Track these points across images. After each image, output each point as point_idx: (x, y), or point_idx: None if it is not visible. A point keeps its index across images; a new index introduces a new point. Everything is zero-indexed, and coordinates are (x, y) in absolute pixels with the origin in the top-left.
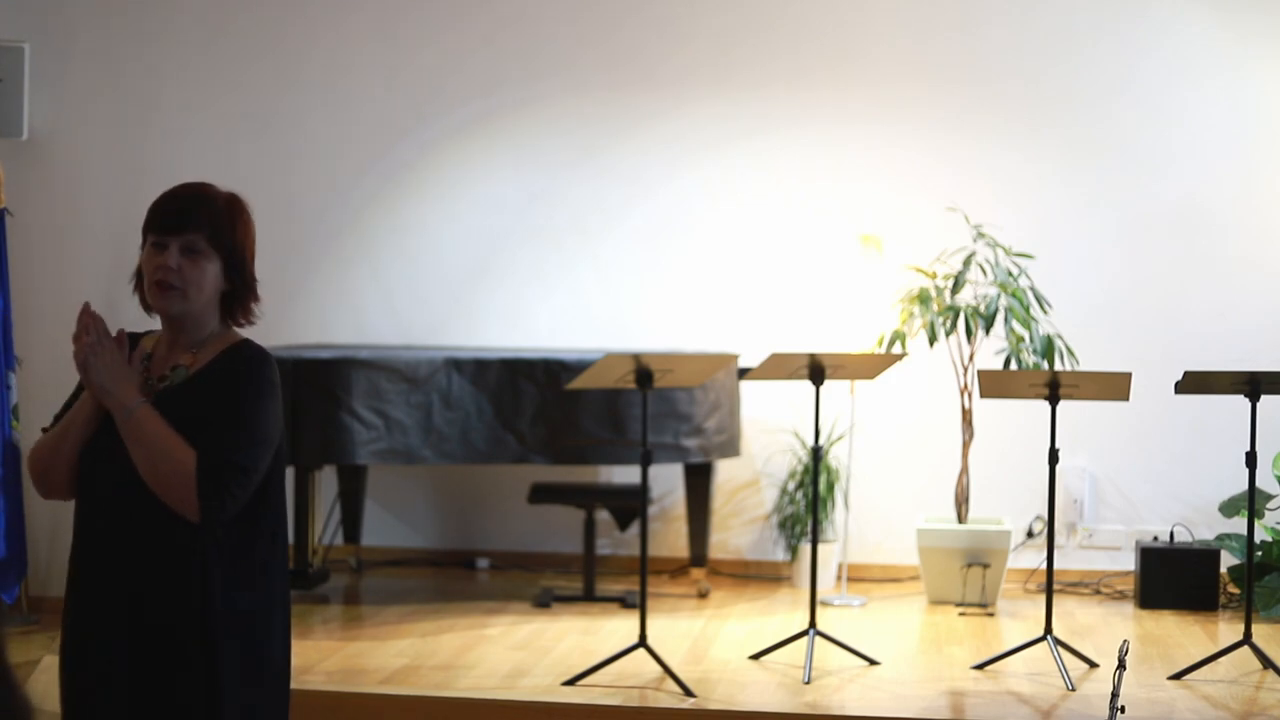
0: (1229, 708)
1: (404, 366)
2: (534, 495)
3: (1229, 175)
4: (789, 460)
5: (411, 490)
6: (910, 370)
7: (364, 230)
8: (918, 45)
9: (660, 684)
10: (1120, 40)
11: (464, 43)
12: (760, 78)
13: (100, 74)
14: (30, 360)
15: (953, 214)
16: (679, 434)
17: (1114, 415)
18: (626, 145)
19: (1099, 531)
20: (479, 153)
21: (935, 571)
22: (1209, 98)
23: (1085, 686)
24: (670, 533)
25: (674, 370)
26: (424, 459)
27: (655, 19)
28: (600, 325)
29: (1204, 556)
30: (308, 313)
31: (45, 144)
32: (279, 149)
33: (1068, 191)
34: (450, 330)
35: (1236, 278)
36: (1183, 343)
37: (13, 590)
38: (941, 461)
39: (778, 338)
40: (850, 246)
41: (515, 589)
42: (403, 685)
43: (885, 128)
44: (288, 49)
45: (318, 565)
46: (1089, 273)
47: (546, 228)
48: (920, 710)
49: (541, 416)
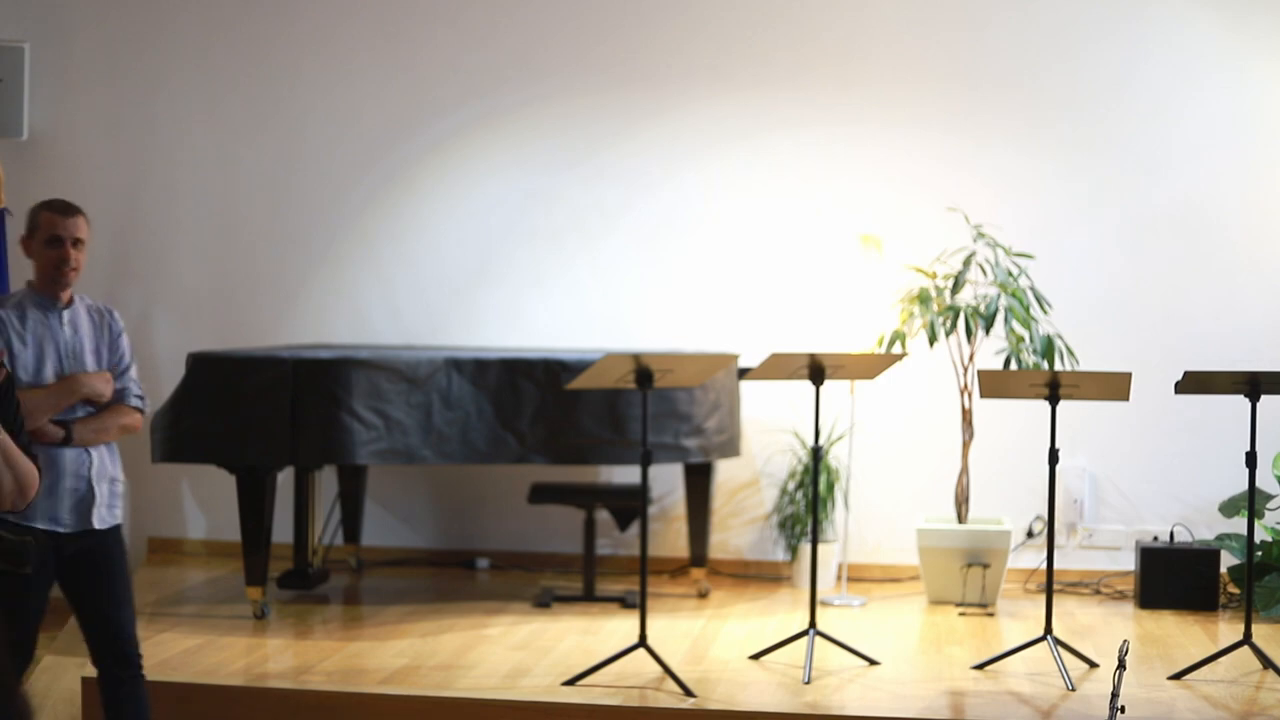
0: (1229, 708)
1: (404, 366)
2: (534, 495)
3: (1229, 175)
4: (789, 460)
5: (411, 490)
6: (910, 370)
7: (364, 230)
8: (918, 45)
9: (660, 684)
10: (1120, 40)
11: (464, 43)
12: (760, 77)
13: (100, 74)
14: None
15: (953, 214)
16: (679, 434)
17: (1114, 415)
18: (626, 145)
19: (1099, 531)
20: (479, 153)
21: (935, 571)
22: (1209, 98)
23: (1085, 686)
24: (670, 533)
25: (674, 370)
26: (424, 459)
27: (655, 19)
28: (600, 325)
29: (1204, 556)
30: (308, 313)
31: (45, 144)
32: (279, 149)
33: (1068, 191)
34: (450, 330)
35: (1236, 278)
36: (1183, 343)
37: None
38: (941, 461)
39: (778, 338)
40: (850, 246)
41: (515, 589)
42: (403, 685)
43: (885, 128)
44: (288, 49)
45: (318, 565)
46: (1089, 273)
47: (546, 228)
48: (920, 710)
49: (541, 416)
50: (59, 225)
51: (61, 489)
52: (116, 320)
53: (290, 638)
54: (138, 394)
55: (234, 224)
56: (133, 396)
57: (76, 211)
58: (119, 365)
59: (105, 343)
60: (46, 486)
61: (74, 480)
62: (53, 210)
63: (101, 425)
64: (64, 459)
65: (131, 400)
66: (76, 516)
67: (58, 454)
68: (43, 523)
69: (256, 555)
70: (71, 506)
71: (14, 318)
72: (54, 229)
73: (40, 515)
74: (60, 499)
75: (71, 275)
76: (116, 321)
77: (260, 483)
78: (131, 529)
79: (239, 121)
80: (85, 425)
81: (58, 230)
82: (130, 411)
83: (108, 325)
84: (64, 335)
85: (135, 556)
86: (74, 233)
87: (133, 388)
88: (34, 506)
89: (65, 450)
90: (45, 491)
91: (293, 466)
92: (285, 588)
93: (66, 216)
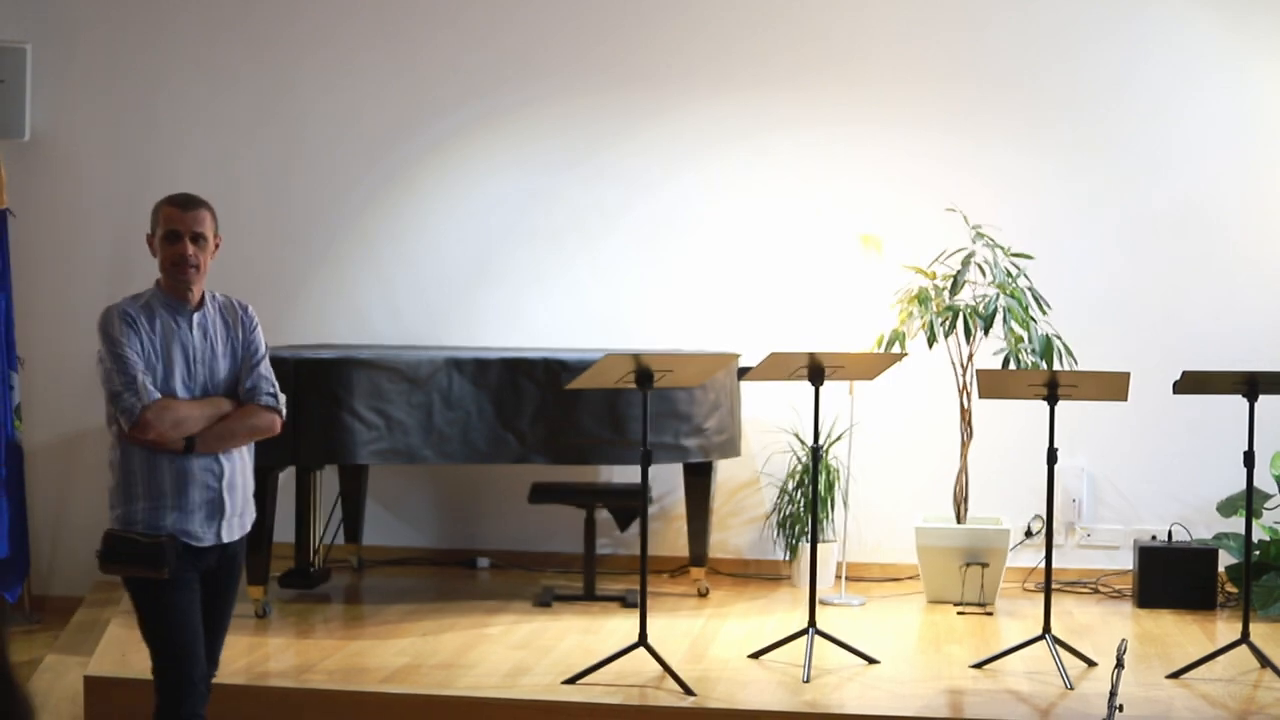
0: (1227, 706)
1: (405, 366)
2: (534, 495)
3: (1229, 175)
4: (788, 460)
5: (412, 490)
6: (909, 370)
7: (364, 230)
8: (918, 45)
9: (660, 683)
10: (1120, 40)
11: (464, 43)
12: (760, 77)
13: (101, 74)
14: (32, 360)
15: (952, 214)
16: (679, 434)
17: (1112, 415)
18: (626, 145)
19: (1097, 531)
20: (479, 153)
21: (934, 571)
22: (1209, 98)
23: (1083, 685)
24: (670, 532)
25: (674, 370)
26: (425, 459)
27: (655, 19)
28: (600, 325)
29: (1202, 556)
30: (308, 313)
31: (47, 145)
32: (279, 149)
33: (1067, 192)
34: (450, 330)
35: (1236, 278)
36: (1181, 343)
37: (15, 590)
38: (940, 461)
39: (777, 338)
40: (850, 246)
41: (515, 588)
42: (403, 684)
43: (885, 128)
44: (288, 49)
45: (319, 564)
46: (1088, 273)
47: (546, 228)
48: (919, 709)
49: (541, 416)
50: (176, 219)
51: (191, 500)
52: (250, 315)
53: (291, 636)
54: (270, 391)
55: (234, 224)
56: (264, 395)
57: (199, 205)
58: (250, 360)
59: (239, 340)
60: (175, 497)
61: (203, 491)
62: (172, 204)
63: (228, 430)
64: (192, 468)
65: (262, 398)
66: (209, 529)
67: (185, 462)
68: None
69: (258, 554)
70: (203, 519)
71: (143, 318)
72: (171, 223)
73: (170, 527)
74: (190, 511)
75: (192, 274)
76: (250, 316)
77: (261, 482)
78: None
79: (239, 121)
80: (210, 431)
81: (175, 224)
82: (260, 411)
83: (240, 322)
84: (192, 341)
85: None
86: (193, 227)
87: (264, 385)
88: (162, 517)
89: (193, 458)
90: (174, 503)
91: (294, 466)
92: (287, 587)
93: (186, 210)
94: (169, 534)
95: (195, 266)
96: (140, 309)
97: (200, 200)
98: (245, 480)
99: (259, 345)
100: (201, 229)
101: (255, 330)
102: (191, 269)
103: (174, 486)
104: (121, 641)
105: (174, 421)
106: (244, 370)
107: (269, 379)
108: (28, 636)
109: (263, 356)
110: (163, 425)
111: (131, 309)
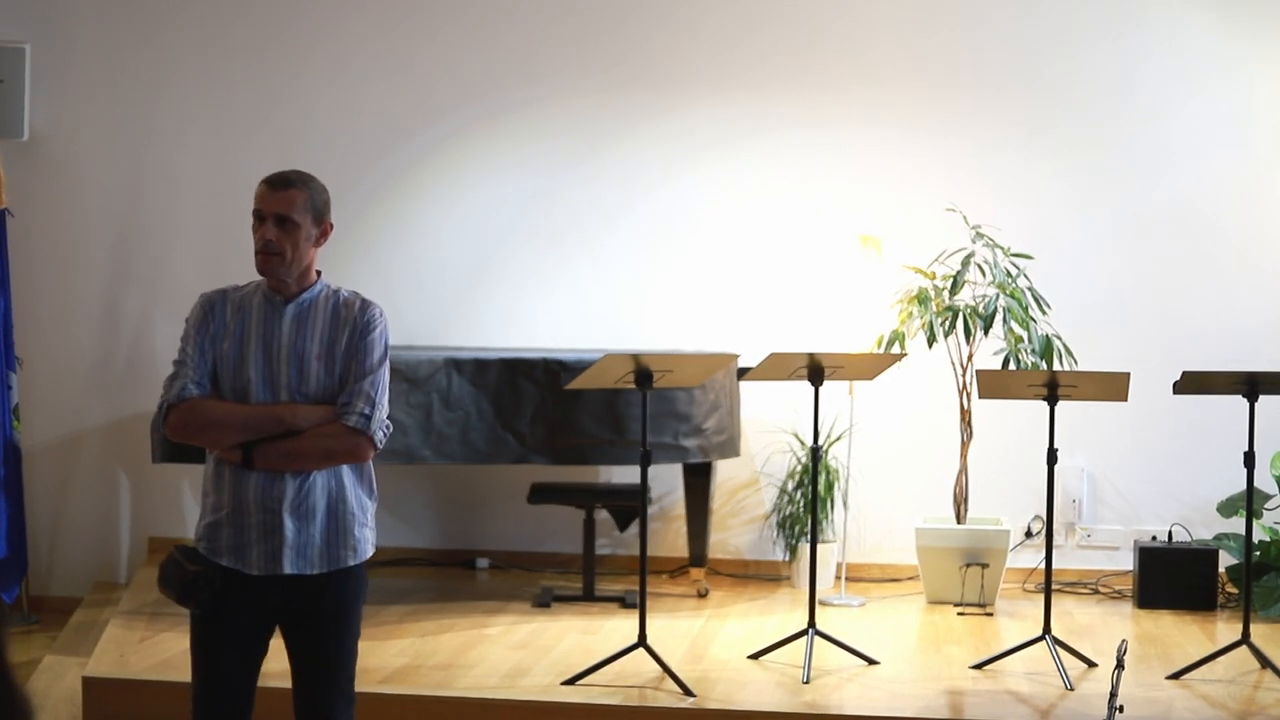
0: (1227, 707)
1: (404, 366)
2: (534, 495)
3: (1228, 175)
4: (788, 460)
5: (411, 490)
6: (909, 370)
7: (364, 230)
8: (917, 45)
9: (660, 683)
10: (1119, 41)
11: (464, 43)
12: (760, 78)
13: (100, 74)
14: (31, 360)
15: (951, 214)
16: (678, 434)
17: (1112, 415)
18: (626, 145)
19: (1097, 531)
20: (479, 153)
21: (934, 571)
22: (1208, 98)
23: (1083, 686)
24: (670, 533)
25: (674, 370)
26: (424, 459)
27: (654, 19)
28: (600, 325)
29: (1202, 556)
30: None
31: (46, 145)
32: (279, 149)
33: (1067, 191)
34: (450, 330)
35: (1235, 278)
36: (1181, 343)
37: (13, 590)
38: (940, 461)
39: (777, 338)
40: (850, 246)
41: (515, 589)
42: (403, 684)
43: (885, 128)
44: (288, 49)
45: None
46: (1088, 273)
47: (546, 228)
48: (919, 710)
49: (541, 416)
50: (261, 198)
51: (246, 520)
52: (368, 317)
53: None
54: (364, 412)
55: (234, 224)
56: (354, 414)
57: (290, 183)
58: (355, 369)
59: (344, 343)
60: (232, 515)
61: (260, 513)
62: (264, 182)
63: (296, 449)
64: (249, 487)
65: (351, 418)
66: (263, 558)
67: (244, 478)
68: (228, 560)
69: None
70: (258, 546)
71: (228, 308)
72: (257, 203)
73: (226, 552)
74: (245, 532)
75: (275, 261)
76: (367, 319)
77: None
78: (132, 529)
79: (239, 121)
80: (272, 447)
81: (260, 204)
82: (342, 433)
83: (350, 322)
84: (282, 333)
85: (135, 556)
86: (277, 208)
87: (358, 403)
88: (218, 534)
89: (252, 475)
90: (230, 520)
91: None
92: None
93: (274, 190)
94: (214, 564)
95: (278, 254)
96: (232, 297)
97: (297, 178)
98: (331, 508)
99: (368, 354)
100: (288, 211)
101: (369, 336)
102: (274, 256)
103: (232, 502)
104: (120, 642)
105: (203, 425)
106: (347, 380)
107: (369, 396)
108: (26, 637)
109: (371, 369)
110: (189, 428)
111: (217, 296)
